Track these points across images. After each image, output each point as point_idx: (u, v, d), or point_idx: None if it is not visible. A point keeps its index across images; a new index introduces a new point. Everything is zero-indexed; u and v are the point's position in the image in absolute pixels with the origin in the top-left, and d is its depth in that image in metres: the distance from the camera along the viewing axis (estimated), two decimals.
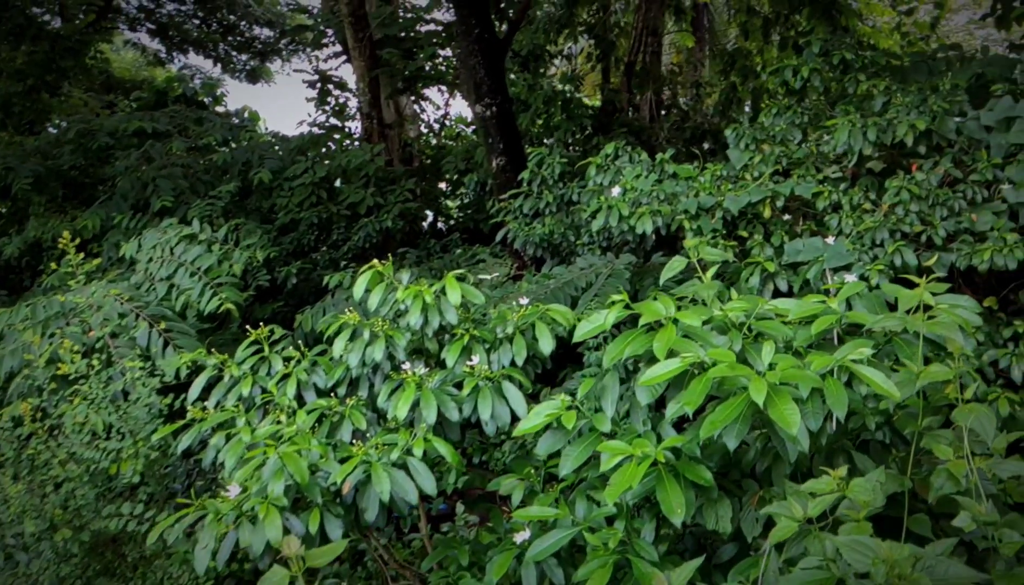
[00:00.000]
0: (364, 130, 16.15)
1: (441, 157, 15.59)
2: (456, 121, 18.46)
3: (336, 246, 12.53)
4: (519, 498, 4.18)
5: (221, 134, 13.11)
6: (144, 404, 5.09)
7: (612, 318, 3.54)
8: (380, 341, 4.25)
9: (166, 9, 24.96)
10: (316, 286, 11.69)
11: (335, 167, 12.68)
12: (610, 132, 13.06)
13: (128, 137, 12.81)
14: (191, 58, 34.43)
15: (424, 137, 18.33)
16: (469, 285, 4.34)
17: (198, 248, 7.79)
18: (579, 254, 8.02)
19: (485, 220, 13.52)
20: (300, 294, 11.69)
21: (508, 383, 4.06)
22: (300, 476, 3.55)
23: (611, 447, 3.33)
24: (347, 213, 12.45)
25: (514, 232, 8.35)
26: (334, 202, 12.54)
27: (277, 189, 12.50)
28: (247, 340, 4.83)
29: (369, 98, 15.68)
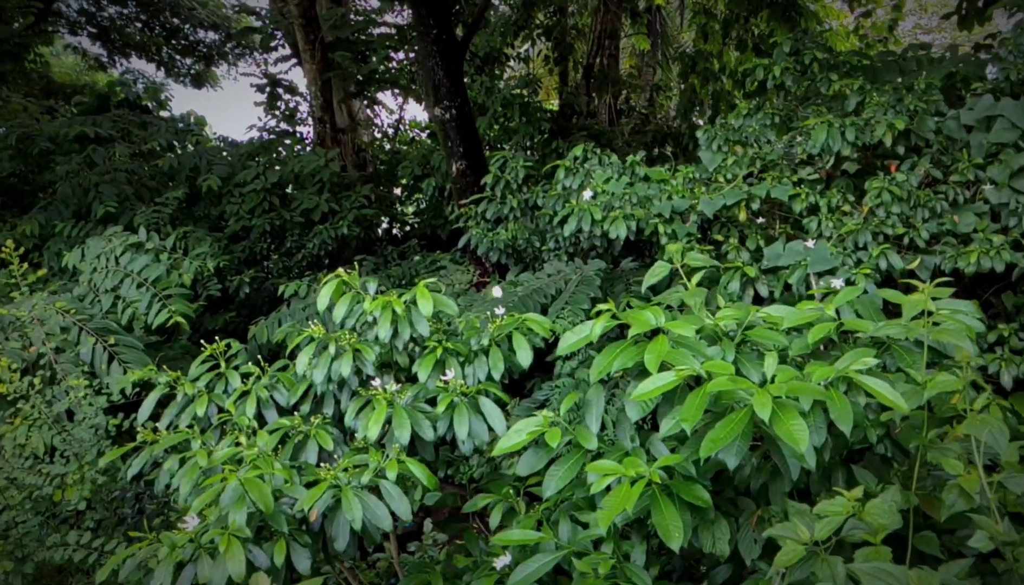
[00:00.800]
0: (316, 135, 15.80)
1: (396, 162, 15.30)
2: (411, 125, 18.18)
3: (290, 254, 12.19)
4: (497, 520, 3.94)
5: (166, 139, 12.66)
6: (90, 425, 4.75)
7: (599, 329, 3.33)
8: (347, 355, 3.99)
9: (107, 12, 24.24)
10: (270, 295, 11.34)
11: (287, 172, 12.34)
12: (569, 136, 12.91)
13: (69, 142, 12.32)
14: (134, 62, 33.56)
15: (378, 142, 18.00)
16: (441, 295, 4.10)
17: (145, 257, 7.43)
18: (545, 260, 7.82)
19: (443, 226, 13.28)
20: (253, 304, 11.34)
21: (485, 398, 3.83)
22: (264, 504, 3.27)
23: (601, 467, 3.12)
24: (301, 220, 12.12)
25: (476, 238, 8.12)
26: (287, 209, 12.20)
27: (227, 195, 12.12)
28: (201, 355, 4.53)
29: (321, 102, 15.35)
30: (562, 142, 12.55)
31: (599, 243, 7.20)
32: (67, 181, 10.91)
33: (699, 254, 4.40)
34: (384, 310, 4.03)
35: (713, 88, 11.45)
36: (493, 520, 3.94)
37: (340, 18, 15.21)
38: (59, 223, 9.88)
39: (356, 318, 4.18)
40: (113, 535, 4.72)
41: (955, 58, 6.19)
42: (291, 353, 4.32)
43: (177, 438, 3.98)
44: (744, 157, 5.81)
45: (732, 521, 3.19)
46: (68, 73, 26.29)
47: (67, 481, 4.50)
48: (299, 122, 16.84)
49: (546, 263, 7.79)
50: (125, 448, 4.08)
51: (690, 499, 3.01)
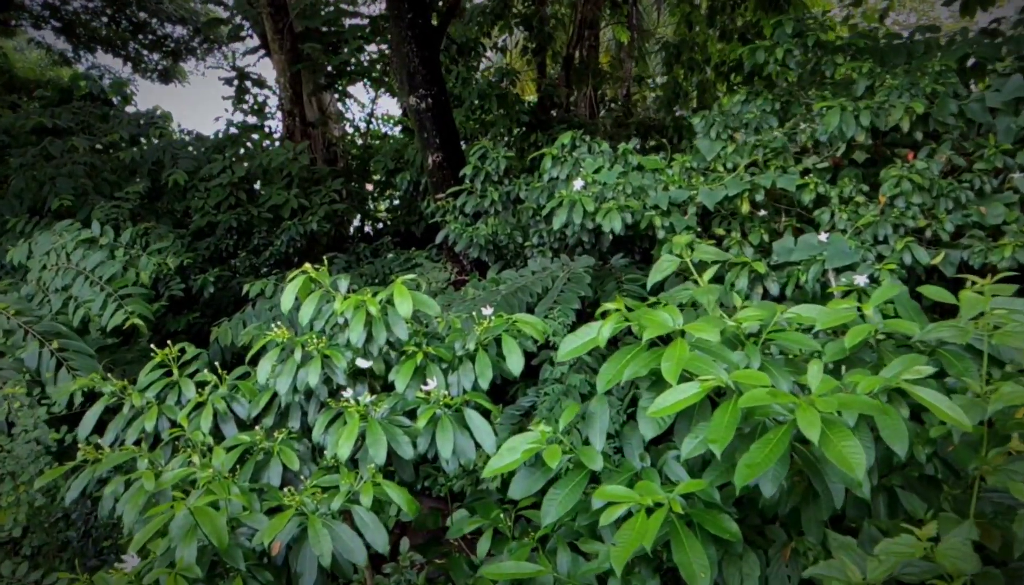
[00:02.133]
0: (285, 128, 15.27)
1: (368, 157, 14.80)
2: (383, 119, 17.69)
3: (257, 251, 11.66)
4: (486, 547, 3.51)
5: (129, 131, 12.09)
6: (29, 439, 4.25)
7: (608, 332, 2.90)
8: (315, 362, 3.54)
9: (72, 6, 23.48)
10: (236, 295, 10.82)
11: (255, 166, 11.81)
12: (549, 128, 12.49)
13: (26, 134, 11.72)
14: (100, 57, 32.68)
15: (349, 137, 17.49)
16: (421, 293, 3.65)
17: (99, 254, 6.90)
18: (528, 257, 7.39)
19: (418, 223, 12.81)
20: (218, 304, 10.80)
21: (471, 411, 3.39)
22: (217, 538, 2.81)
23: (612, 494, 2.70)
24: (269, 216, 11.60)
25: (455, 233, 7.67)
26: (254, 204, 11.68)
27: (192, 190, 11.57)
28: (152, 361, 4.05)
29: (291, 94, 14.82)
30: (541, 135, 12.12)
31: (587, 239, 6.77)
32: (21, 174, 10.33)
33: (710, 247, 3.99)
34: (357, 311, 3.58)
35: (698, 78, 11.06)
36: (481, 547, 3.51)
37: (310, 7, 14.69)
38: (11, 218, 9.30)
39: (325, 320, 3.72)
40: (55, 563, 4.22)
41: (967, 41, 5.84)
42: (253, 359, 3.86)
43: (122, 457, 3.50)
44: (745, 145, 5.41)
45: (761, 554, 2.77)
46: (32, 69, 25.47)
47: (1, 503, 4.00)
48: (268, 116, 16.31)
49: (529, 260, 7.36)
50: (64, 467, 3.59)
51: (715, 531, 2.60)
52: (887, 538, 2.64)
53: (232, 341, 7.73)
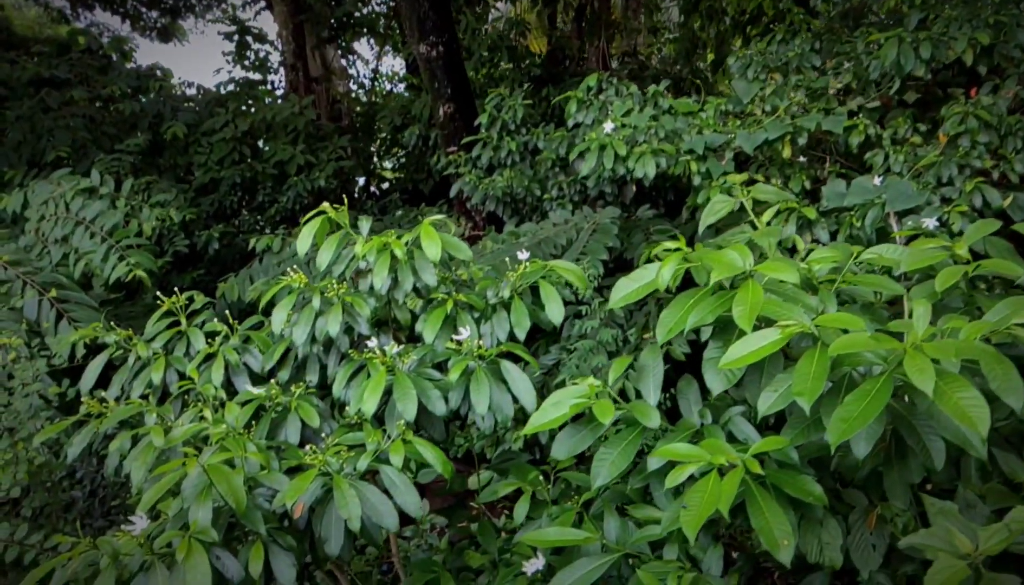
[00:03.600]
0: (289, 83, 14.85)
1: (373, 115, 14.39)
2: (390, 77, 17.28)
3: (262, 208, 11.36)
4: (524, 512, 3.24)
5: (128, 83, 11.69)
6: (27, 393, 3.97)
7: (668, 273, 2.59)
8: (335, 309, 3.24)
9: None
10: (240, 252, 10.53)
11: (259, 121, 11.45)
12: (560, 82, 12.09)
13: (23, 86, 11.34)
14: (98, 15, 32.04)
15: (354, 94, 17.07)
16: (450, 236, 3.35)
17: (99, 204, 6.59)
18: (547, 210, 7.08)
19: (425, 180, 12.46)
20: (223, 261, 10.52)
21: (508, 363, 3.10)
22: (235, 499, 2.53)
23: (679, 453, 2.42)
24: (274, 172, 11.27)
25: (470, 186, 7.35)
26: (259, 160, 11.34)
27: (194, 145, 11.24)
28: (159, 311, 3.76)
29: (293, 48, 14.39)
30: (553, 89, 11.74)
31: (609, 190, 6.47)
32: (18, 126, 9.99)
33: (769, 186, 3.68)
34: (381, 254, 3.28)
35: (717, 28, 10.65)
36: (519, 512, 3.23)
37: None
38: (8, 171, 8.98)
39: (346, 265, 3.43)
40: (59, 524, 3.97)
41: None
42: (266, 308, 3.57)
43: (128, 411, 3.22)
44: (785, 86, 5.08)
45: (840, 520, 2.49)
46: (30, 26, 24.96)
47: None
48: (270, 70, 15.91)
49: (549, 213, 7.06)
50: (67, 422, 3.32)
51: (796, 494, 2.32)
52: (983, 503, 2.37)
53: (239, 297, 7.46)
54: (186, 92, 13.56)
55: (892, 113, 4.87)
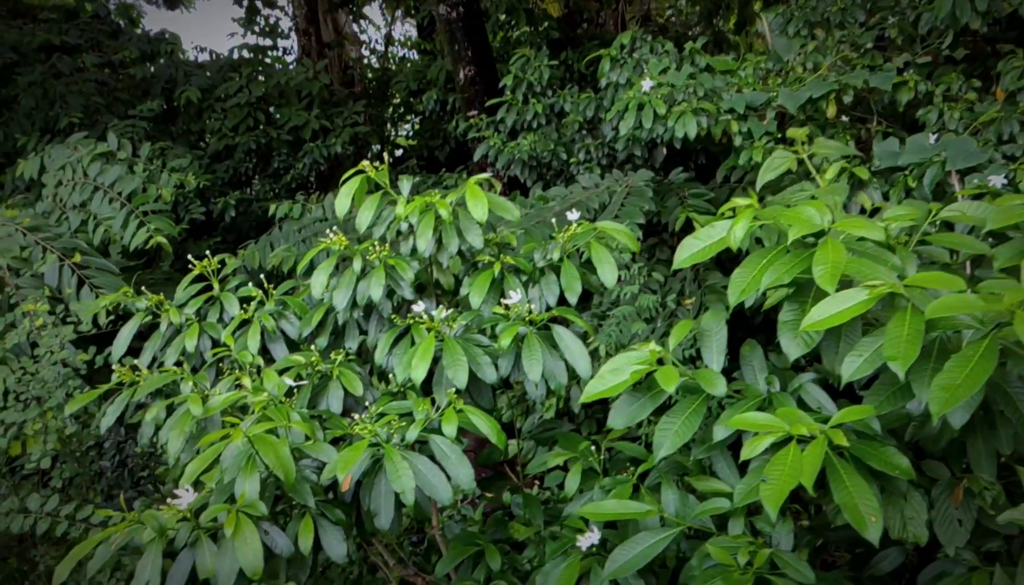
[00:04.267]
0: (301, 49, 14.61)
1: (386, 81, 14.15)
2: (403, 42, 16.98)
3: (277, 175, 11.20)
4: (575, 483, 3.11)
5: (139, 48, 11.50)
6: (55, 361, 3.85)
7: (742, 231, 2.44)
8: (378, 273, 3.10)
9: None
10: (257, 220, 10.39)
11: (272, 86, 11.26)
12: (578, 45, 11.82)
13: (34, 52, 11.16)
14: None
15: (366, 59, 16.81)
16: (496, 195, 3.20)
17: (117, 168, 6.44)
18: (572, 174, 6.91)
19: (442, 146, 12.25)
20: (239, 229, 10.38)
21: (561, 328, 2.96)
22: (283, 471, 2.41)
23: (755, 422, 2.28)
24: (289, 138, 11.10)
25: (495, 150, 7.18)
26: (274, 126, 11.17)
27: (207, 110, 11.06)
28: (189, 275, 3.63)
29: (305, 12, 14.16)
30: (572, 52, 11.50)
31: (639, 153, 6.29)
32: (30, 92, 9.84)
33: (832, 141, 3.51)
34: (424, 215, 3.13)
35: None
36: (570, 484, 3.11)
37: None
38: (22, 137, 8.83)
39: (386, 226, 3.28)
40: (88, 495, 3.87)
41: None
42: (302, 273, 3.44)
43: (163, 379, 3.10)
44: (829, 42, 4.89)
45: (923, 494, 2.35)
46: None
47: (26, 431, 3.62)
48: (281, 36, 15.66)
49: (577, 177, 6.89)
50: (98, 391, 3.20)
51: (880, 467, 2.18)
52: None
53: (259, 264, 7.34)
54: (198, 57, 13.37)
55: (940, 69, 4.68)
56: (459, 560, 3.33)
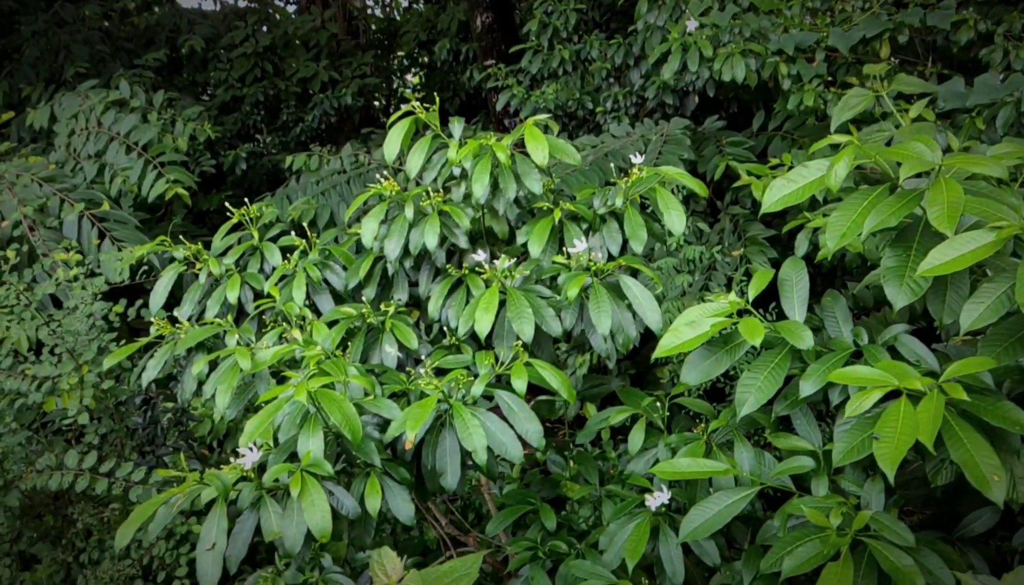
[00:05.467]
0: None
1: (393, 31, 13.82)
2: None
3: (286, 128, 10.95)
4: (639, 441, 2.99)
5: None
6: (85, 314, 3.70)
7: (844, 170, 2.27)
8: (431, 220, 2.94)
9: None
10: (267, 173, 10.19)
11: (280, 36, 10.98)
12: None
13: (35, 1, 10.85)
14: None
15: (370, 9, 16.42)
16: (556, 138, 3.03)
17: (132, 117, 6.24)
18: (599, 123, 6.72)
19: (452, 98, 11.98)
20: (250, 182, 10.17)
21: (629, 278, 2.81)
22: (349, 428, 2.27)
23: (860, 376, 2.14)
24: (297, 90, 10.84)
25: (518, 99, 6.96)
26: (282, 78, 10.90)
27: (213, 61, 10.80)
28: (227, 224, 3.47)
29: None
30: None
31: (670, 101, 6.10)
32: (34, 42, 9.56)
33: (914, 78, 3.33)
34: (480, 159, 2.96)
35: None
36: (634, 441, 2.98)
37: None
38: (27, 88, 8.59)
39: (438, 171, 3.11)
40: (124, 451, 3.75)
41: None
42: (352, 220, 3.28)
43: (206, 332, 2.96)
44: None
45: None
46: None
47: (60, 386, 3.48)
48: None
49: (601, 127, 6.70)
50: (138, 344, 3.06)
51: (997, 422, 2.04)
52: None
53: (278, 218, 7.17)
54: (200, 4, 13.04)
55: (995, 9, 4.48)
56: (512, 520, 3.22)
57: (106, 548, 3.57)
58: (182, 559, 3.43)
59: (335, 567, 2.91)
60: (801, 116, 4.83)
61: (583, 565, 2.74)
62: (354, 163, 7.09)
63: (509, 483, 4.07)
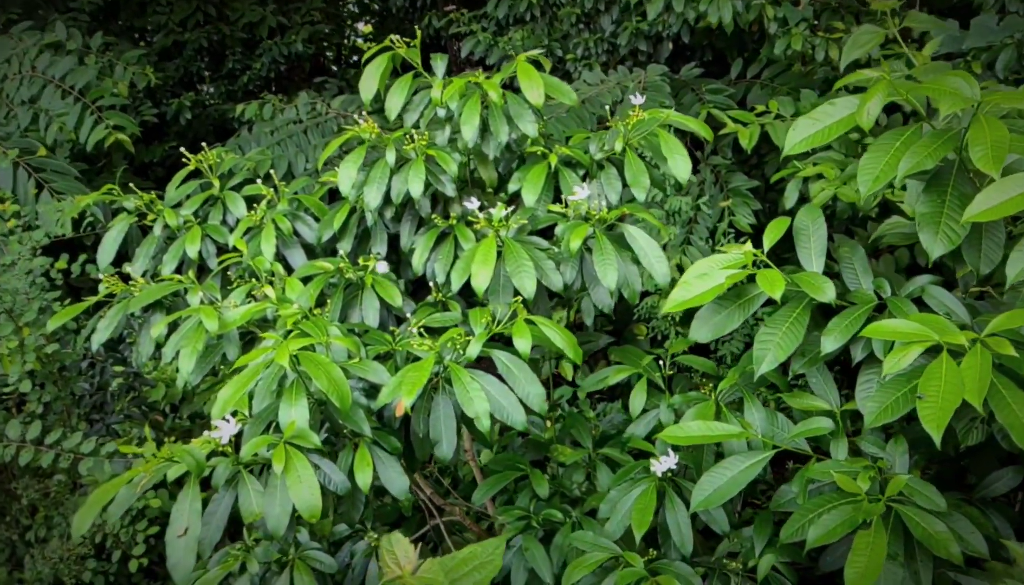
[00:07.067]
0: None
1: None
2: None
3: (232, 76, 10.44)
4: (641, 402, 2.80)
5: None
6: (24, 271, 3.37)
7: (876, 108, 2.06)
8: (416, 166, 2.68)
9: None
10: (213, 123, 9.74)
11: None
12: None
13: None
14: None
15: None
16: (550, 76, 2.78)
17: (68, 60, 5.80)
18: (568, 71, 6.47)
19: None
20: (196, 133, 9.70)
21: (634, 228, 2.59)
22: (338, 395, 2.03)
23: (897, 330, 1.96)
24: (244, 36, 10.32)
25: (483, 47, 6.68)
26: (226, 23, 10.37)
27: (152, 3, 10.22)
28: (182, 172, 3.17)
29: None
30: None
31: (644, 47, 5.89)
32: None
33: (923, 14, 3.15)
34: (468, 99, 2.70)
35: None
36: (635, 403, 2.79)
37: None
38: None
39: (419, 113, 2.84)
40: (71, 420, 3.45)
41: None
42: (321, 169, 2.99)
43: (164, 289, 2.67)
44: None
45: None
46: None
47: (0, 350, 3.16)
48: None
49: (570, 75, 6.45)
50: (86, 303, 2.76)
51: None
52: None
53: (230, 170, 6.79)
54: None
55: None
56: (499, 487, 3.03)
57: (53, 525, 3.29)
58: (139, 536, 3.17)
59: (312, 542, 2.71)
60: (785, 62, 4.65)
61: (585, 536, 2.55)
62: (311, 112, 6.75)
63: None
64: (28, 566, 3.17)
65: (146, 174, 8.79)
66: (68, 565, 3.13)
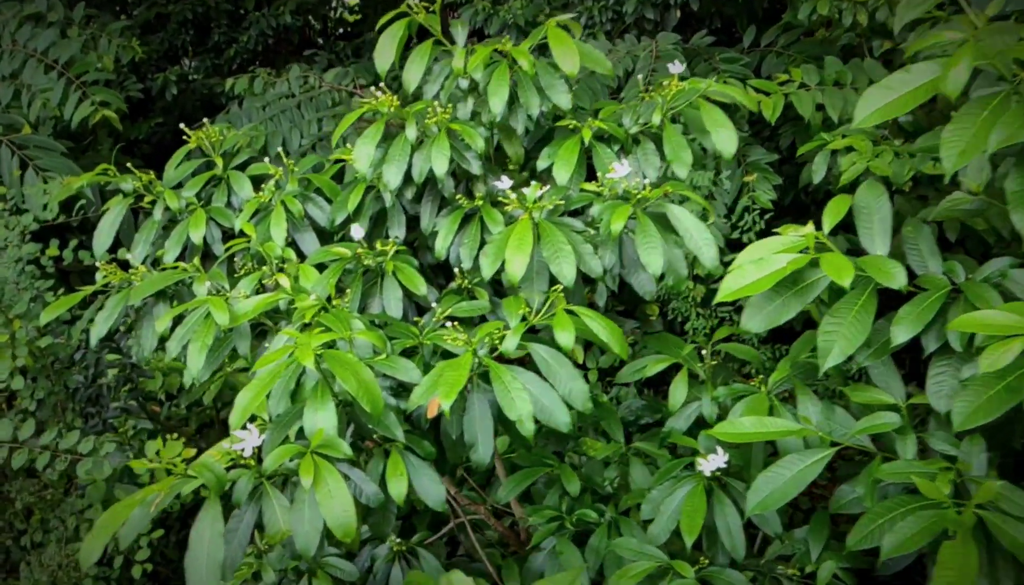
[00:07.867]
0: None
1: None
2: None
3: (218, 50, 10.12)
4: (682, 394, 2.62)
5: None
6: (14, 258, 3.14)
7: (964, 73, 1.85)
8: (440, 141, 2.46)
9: None
10: (200, 98, 9.44)
11: None
12: None
13: None
14: None
15: None
16: (584, 44, 2.57)
17: (50, 32, 5.52)
18: None
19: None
20: (182, 108, 9.40)
21: (678, 208, 2.39)
22: (368, 398, 1.84)
23: (993, 322, 1.78)
24: (229, 7, 9.99)
25: (483, 15, 6.41)
26: None
27: None
28: (182, 149, 2.94)
29: None
30: None
31: (651, 15, 5.67)
32: None
33: None
34: (496, 68, 2.49)
35: None
36: (676, 395, 2.61)
37: None
38: None
39: (440, 84, 2.63)
40: (65, 417, 3.24)
41: None
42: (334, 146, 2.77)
43: (168, 278, 2.47)
44: None
45: None
46: None
47: None
48: None
49: None
50: (82, 293, 2.55)
51: None
52: None
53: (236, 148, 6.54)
54: None
55: None
56: (527, 483, 2.85)
57: (50, 529, 3.09)
58: (143, 540, 2.97)
59: (330, 548, 2.53)
60: (806, 28, 4.45)
61: (628, 543, 2.37)
62: (303, 86, 6.50)
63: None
64: (24, 573, 2.97)
65: (132, 152, 8.50)
66: (67, 572, 2.94)
